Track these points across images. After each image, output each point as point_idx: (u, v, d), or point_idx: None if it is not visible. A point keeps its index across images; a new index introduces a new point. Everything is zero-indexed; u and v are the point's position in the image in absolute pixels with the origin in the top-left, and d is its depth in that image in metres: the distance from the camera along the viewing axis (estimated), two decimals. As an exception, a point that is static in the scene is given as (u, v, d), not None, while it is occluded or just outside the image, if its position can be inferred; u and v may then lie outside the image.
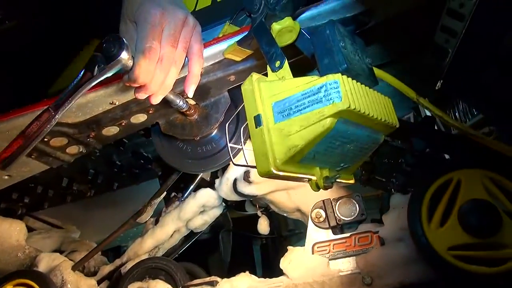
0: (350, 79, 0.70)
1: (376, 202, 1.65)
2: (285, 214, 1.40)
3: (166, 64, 0.86)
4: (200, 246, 1.98)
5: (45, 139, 1.06)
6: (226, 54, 1.01)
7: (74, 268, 1.26)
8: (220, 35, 1.05)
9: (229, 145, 0.89)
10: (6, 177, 1.15)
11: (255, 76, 0.78)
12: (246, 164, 0.82)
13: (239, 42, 0.96)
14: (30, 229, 1.55)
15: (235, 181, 1.33)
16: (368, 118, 0.71)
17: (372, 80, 0.78)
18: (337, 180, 0.78)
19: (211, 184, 1.44)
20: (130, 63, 0.81)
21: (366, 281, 1.06)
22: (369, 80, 0.76)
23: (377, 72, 0.82)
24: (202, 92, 1.13)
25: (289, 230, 2.67)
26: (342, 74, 0.69)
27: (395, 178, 1.29)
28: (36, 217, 1.69)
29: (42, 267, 1.27)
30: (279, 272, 1.18)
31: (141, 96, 0.90)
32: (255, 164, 0.78)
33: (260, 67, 1.06)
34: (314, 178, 0.78)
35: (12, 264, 1.33)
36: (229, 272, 2.22)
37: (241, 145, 0.84)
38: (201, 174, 1.45)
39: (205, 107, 1.17)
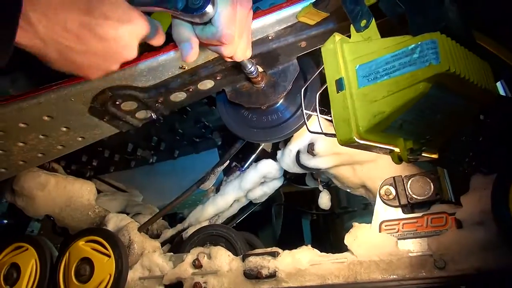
0: (449, 39, 0.62)
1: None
2: (348, 190, 1.35)
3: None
4: (251, 217, 2.00)
5: (117, 103, 1.08)
6: (300, 17, 0.95)
7: (140, 230, 1.30)
8: (295, -4, 0.99)
9: (304, 111, 0.84)
10: (80, 138, 1.19)
11: (337, 36, 0.72)
12: (321, 131, 0.78)
13: (315, 4, 0.90)
14: (97, 191, 1.62)
15: (298, 153, 1.29)
16: (467, 84, 0.64)
17: (470, 42, 0.69)
18: (423, 154, 0.71)
19: (272, 156, 1.42)
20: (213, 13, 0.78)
21: (439, 265, 1.00)
22: (467, 42, 0.68)
23: (476, 34, 0.73)
24: (270, 58, 1.09)
25: (341, 208, 2.61)
26: (441, 33, 0.61)
27: (472, 158, 1.18)
28: (102, 180, 1.78)
29: (111, 226, 1.34)
30: (329, 248, 1.15)
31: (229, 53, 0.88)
32: (329, 132, 0.74)
33: (334, 31, 0.99)
34: (396, 149, 0.72)
35: (83, 222, 1.40)
36: (278, 245, 2.23)
37: (317, 112, 0.79)
38: (263, 144, 1.43)
39: (273, 75, 1.13)
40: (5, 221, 1.69)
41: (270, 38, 1.02)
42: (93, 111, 1.10)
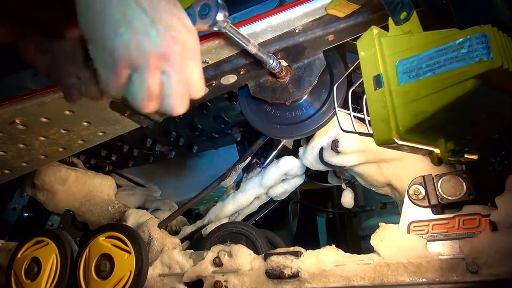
0: (500, 32, 0.58)
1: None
2: (372, 188, 1.31)
3: None
4: (267, 214, 1.97)
5: (139, 98, 1.06)
6: (329, 10, 0.92)
7: (160, 226, 1.29)
8: (324, -12, 0.95)
9: (337, 109, 0.81)
10: (101, 133, 1.18)
11: (375, 29, 0.68)
12: (355, 130, 0.74)
13: (346, -5, 0.86)
14: (116, 186, 1.62)
15: (321, 150, 1.25)
16: (518, 81, 0.59)
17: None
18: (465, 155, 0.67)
19: (293, 152, 1.38)
20: (225, 24, 0.76)
21: (471, 269, 0.95)
22: (518, 36, 0.63)
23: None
24: (296, 52, 1.05)
25: (359, 206, 2.56)
26: (492, 26, 0.57)
27: (504, 157, 1.13)
28: (121, 174, 1.77)
29: (131, 222, 1.33)
30: (345, 247, 1.12)
31: None
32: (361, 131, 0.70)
33: (364, 25, 0.95)
34: (436, 150, 0.68)
35: (103, 217, 1.40)
36: (294, 243, 2.21)
37: (349, 111, 0.75)
38: (284, 141, 1.40)
39: (298, 69, 1.09)
40: (26, 214, 1.70)
41: (297, 31, 0.99)
42: (114, 106, 1.08)
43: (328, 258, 1.10)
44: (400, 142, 0.63)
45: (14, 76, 1.24)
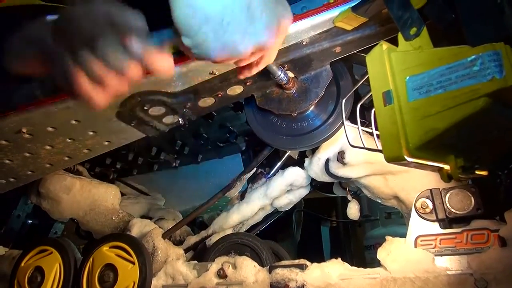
0: (513, 50, 0.57)
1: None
2: (378, 200, 1.29)
3: None
4: (271, 223, 1.96)
5: (145, 108, 1.06)
6: (337, 22, 0.91)
7: (164, 236, 1.28)
8: (331, 0, 0.95)
9: (345, 123, 0.80)
10: (106, 143, 1.18)
11: (385, 45, 0.68)
12: (363, 146, 0.73)
13: (354, 8, 0.86)
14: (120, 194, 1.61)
15: (327, 161, 1.25)
16: (530, 100, 0.58)
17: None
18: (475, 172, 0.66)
19: (298, 163, 1.37)
20: None
21: (480, 284, 0.94)
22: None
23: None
24: (302, 64, 1.05)
25: (363, 216, 2.54)
26: (505, 44, 0.56)
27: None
28: (126, 182, 1.77)
29: (135, 232, 1.32)
30: (349, 257, 1.11)
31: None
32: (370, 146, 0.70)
33: (372, 37, 0.95)
34: (446, 167, 0.67)
35: (107, 227, 1.39)
36: (298, 252, 2.19)
37: (358, 125, 0.74)
38: (289, 151, 1.39)
39: (304, 81, 1.09)
40: (30, 222, 1.70)
41: (304, 43, 0.98)
42: (121, 116, 1.08)
43: (333, 271, 1.09)
44: (410, 159, 0.62)
45: (22, 85, 1.25)
